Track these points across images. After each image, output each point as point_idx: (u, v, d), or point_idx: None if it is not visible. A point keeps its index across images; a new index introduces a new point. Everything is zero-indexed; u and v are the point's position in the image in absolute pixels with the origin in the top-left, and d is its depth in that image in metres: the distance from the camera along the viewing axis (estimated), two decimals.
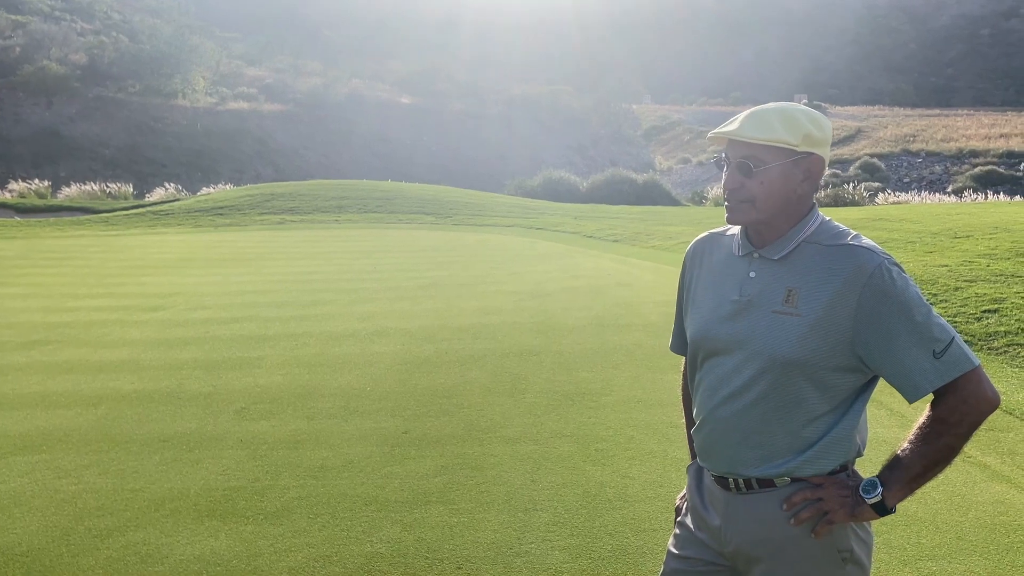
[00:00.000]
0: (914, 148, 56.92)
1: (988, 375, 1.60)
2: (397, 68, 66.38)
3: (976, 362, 1.57)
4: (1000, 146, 53.39)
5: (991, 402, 1.58)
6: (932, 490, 3.54)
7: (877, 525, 1.74)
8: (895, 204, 21.18)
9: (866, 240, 1.65)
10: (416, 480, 3.93)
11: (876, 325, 1.57)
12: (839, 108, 78.35)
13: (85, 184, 26.16)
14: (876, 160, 51.77)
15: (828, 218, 1.72)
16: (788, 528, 1.66)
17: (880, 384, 1.69)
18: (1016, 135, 55.66)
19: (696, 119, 79.68)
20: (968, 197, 25.07)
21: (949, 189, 39.12)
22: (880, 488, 1.60)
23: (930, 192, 30.40)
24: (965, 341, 1.62)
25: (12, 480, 4.05)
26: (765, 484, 1.68)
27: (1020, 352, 5.80)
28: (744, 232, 1.76)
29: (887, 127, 64.46)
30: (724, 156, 1.69)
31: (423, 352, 6.29)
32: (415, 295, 8.69)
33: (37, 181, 26.43)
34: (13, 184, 26.37)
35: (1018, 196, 27.65)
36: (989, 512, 3.47)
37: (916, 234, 10.48)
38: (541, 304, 7.98)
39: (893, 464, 1.63)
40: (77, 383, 5.70)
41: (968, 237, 9.73)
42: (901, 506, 1.64)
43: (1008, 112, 71.87)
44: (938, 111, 76.04)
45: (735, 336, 1.68)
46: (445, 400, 5.12)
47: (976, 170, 47.62)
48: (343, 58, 69.89)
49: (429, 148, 51.57)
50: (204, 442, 4.50)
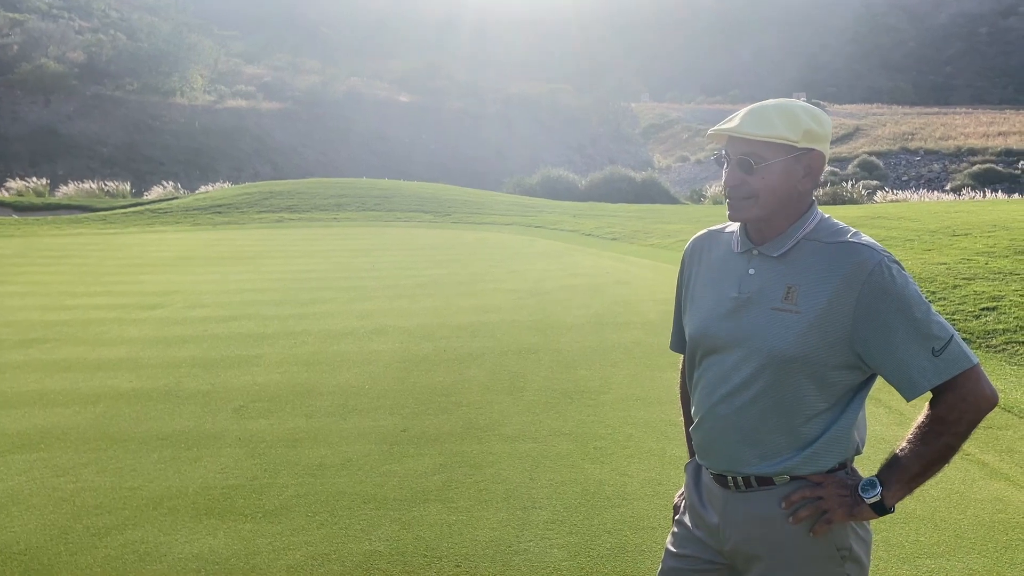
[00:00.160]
0: (912, 146, 57.02)
1: (986, 373, 1.60)
2: (396, 66, 66.33)
3: (975, 360, 1.57)
4: (998, 144, 53.50)
5: (989, 400, 1.58)
6: (931, 488, 3.54)
7: (876, 523, 1.74)
8: (893, 202, 21.17)
9: (866, 237, 1.65)
10: (415, 478, 3.93)
11: (875, 322, 1.57)
12: (838, 106, 78.37)
13: (83, 182, 26.14)
14: (874, 158, 51.87)
15: (827, 215, 1.71)
16: (787, 526, 1.65)
17: (879, 382, 1.68)
18: (1014, 133, 55.77)
19: (695, 117, 79.75)
20: (966, 195, 25.15)
21: (947, 187, 39.17)
22: (879, 488, 1.60)
23: (928, 190, 30.45)
24: (963, 339, 1.61)
25: (10, 478, 4.04)
26: (764, 482, 1.68)
27: (1018, 350, 5.80)
28: (743, 229, 1.75)
29: (885, 125, 64.54)
30: (724, 153, 1.68)
31: (422, 350, 6.29)
32: (414, 293, 8.69)
33: (35, 179, 26.44)
34: (11, 182, 26.39)
35: (1016, 194, 27.66)
36: (988, 510, 3.47)
37: (914, 232, 10.48)
38: (540, 302, 7.98)
39: (892, 463, 1.63)
40: (75, 381, 5.69)
41: (966, 235, 9.74)
42: (900, 504, 1.64)
43: (1006, 110, 72.01)
44: (936, 109, 76.14)
45: (734, 333, 1.68)
46: (443, 398, 5.12)
47: (974, 168, 47.74)
48: (342, 56, 69.76)
49: (428, 146, 51.56)
50: (202, 440, 4.50)
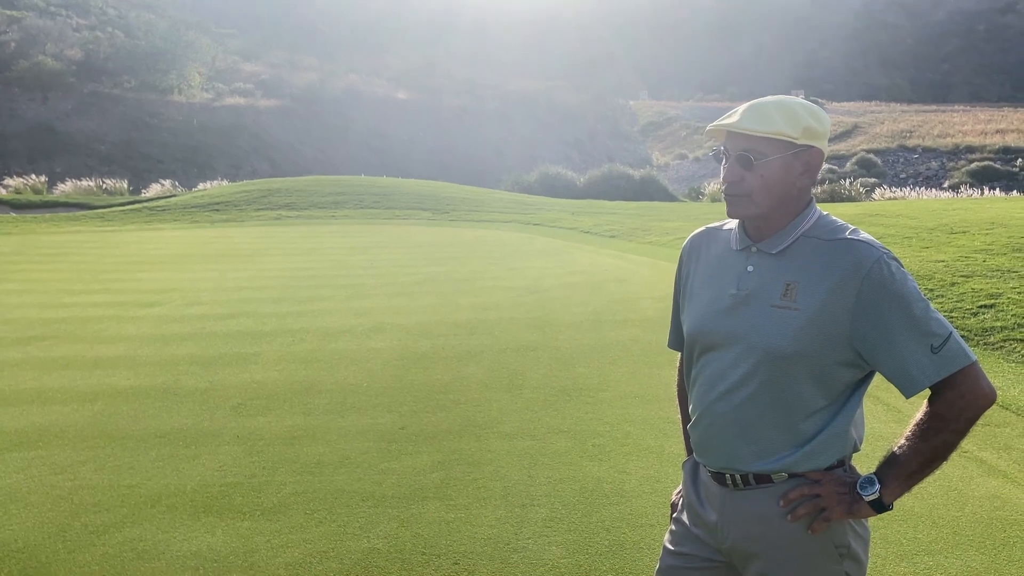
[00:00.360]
0: (910, 144, 57.02)
1: (984, 370, 1.60)
2: (394, 64, 66.18)
3: (973, 357, 1.57)
4: (996, 142, 53.52)
5: (988, 397, 1.58)
6: (929, 485, 3.54)
7: (874, 520, 1.73)
8: (891, 200, 21.18)
9: (864, 234, 1.64)
10: (413, 476, 3.93)
11: (874, 319, 1.57)
12: (835, 104, 78.29)
13: (81, 180, 26.07)
14: (872, 156, 51.85)
15: (826, 212, 1.71)
16: (785, 524, 1.65)
17: (877, 379, 1.68)
18: (1012, 131, 55.79)
19: (693, 115, 79.64)
20: (964, 193, 25.16)
21: (945, 185, 39.17)
22: (878, 485, 1.60)
23: (926, 188, 30.48)
24: (961, 336, 1.61)
25: (8, 476, 4.04)
26: (762, 480, 1.67)
27: (1016, 347, 5.81)
28: (742, 226, 1.75)
29: (883, 123, 64.52)
30: (723, 149, 1.67)
31: (420, 348, 6.28)
32: (412, 291, 8.69)
33: (32, 177, 26.39)
34: (8, 180, 26.34)
35: (1014, 192, 27.65)
36: (986, 507, 3.48)
37: (912, 230, 10.49)
38: (538, 300, 7.98)
39: (890, 461, 1.62)
40: (73, 379, 5.69)
41: (964, 233, 9.75)
42: (898, 501, 1.63)
43: (1004, 108, 71.99)
44: (934, 107, 76.12)
45: (732, 330, 1.67)
46: (442, 396, 5.12)
47: (972, 166, 47.75)
48: (339, 53, 69.64)
49: (426, 144, 51.49)
50: (200, 438, 4.49)
